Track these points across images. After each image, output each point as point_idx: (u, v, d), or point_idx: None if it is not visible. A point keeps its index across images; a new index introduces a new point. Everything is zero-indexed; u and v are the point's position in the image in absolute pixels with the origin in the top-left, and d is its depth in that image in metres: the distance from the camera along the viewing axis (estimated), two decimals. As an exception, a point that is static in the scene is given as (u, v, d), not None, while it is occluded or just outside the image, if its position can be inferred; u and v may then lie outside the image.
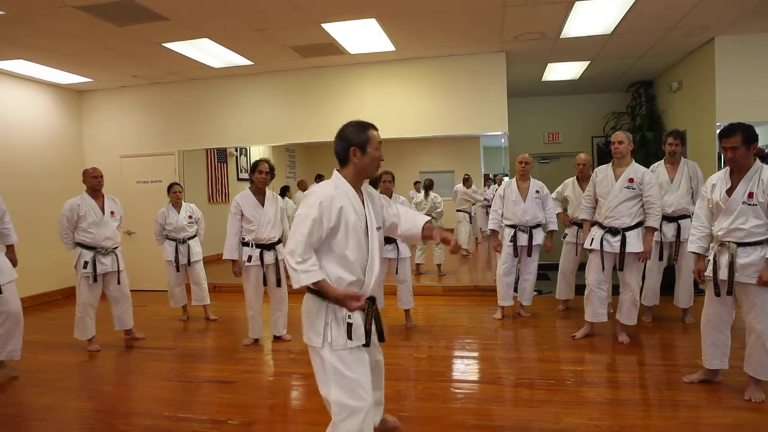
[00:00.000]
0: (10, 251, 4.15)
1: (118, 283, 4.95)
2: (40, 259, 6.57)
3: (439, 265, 7.70)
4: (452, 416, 3.21)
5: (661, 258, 4.93)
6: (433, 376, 3.97)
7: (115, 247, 4.92)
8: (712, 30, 5.84)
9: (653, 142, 7.58)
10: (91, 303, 4.82)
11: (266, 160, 4.74)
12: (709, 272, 3.33)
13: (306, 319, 2.28)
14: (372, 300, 2.33)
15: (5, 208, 4.17)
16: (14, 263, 4.13)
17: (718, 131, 3.65)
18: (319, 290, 2.22)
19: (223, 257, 4.77)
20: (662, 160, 4.92)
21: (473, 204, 8.30)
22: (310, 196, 2.24)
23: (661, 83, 7.98)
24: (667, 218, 4.79)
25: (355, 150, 2.28)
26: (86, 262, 4.73)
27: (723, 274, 3.23)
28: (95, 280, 4.77)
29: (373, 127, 2.36)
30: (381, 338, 2.40)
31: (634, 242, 4.26)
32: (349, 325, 2.21)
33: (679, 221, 4.77)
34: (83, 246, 4.78)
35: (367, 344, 2.26)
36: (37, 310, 6.57)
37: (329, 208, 2.19)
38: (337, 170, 2.35)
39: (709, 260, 3.35)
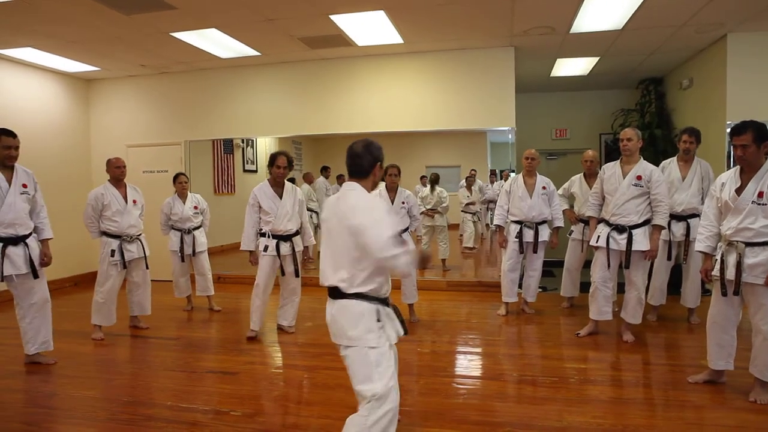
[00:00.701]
0: (45, 246, 4.15)
1: (146, 268, 5.07)
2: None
3: (443, 260, 7.68)
4: (454, 411, 3.20)
5: (669, 257, 4.89)
6: (436, 371, 3.96)
7: (139, 234, 5.00)
8: (725, 27, 5.76)
9: (662, 140, 7.53)
10: (115, 290, 4.90)
11: (285, 154, 4.72)
12: (716, 272, 3.30)
13: (359, 322, 2.29)
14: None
15: (43, 203, 4.19)
16: (47, 259, 4.12)
17: (728, 130, 3.60)
18: (366, 294, 2.30)
19: (241, 248, 4.78)
20: (675, 157, 4.86)
21: (474, 203, 8.29)
22: (373, 201, 2.37)
23: (672, 80, 7.90)
24: (676, 217, 4.75)
25: (380, 165, 2.46)
26: (113, 251, 4.81)
27: (730, 274, 3.19)
28: (124, 266, 4.86)
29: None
30: (405, 331, 2.54)
31: (641, 240, 4.22)
32: (401, 321, 2.42)
33: (689, 220, 4.72)
34: (108, 235, 4.85)
35: (406, 332, 2.45)
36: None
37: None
38: (356, 181, 2.41)
39: (716, 260, 3.32)
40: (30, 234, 3.97)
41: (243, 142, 8.86)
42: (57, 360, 4.21)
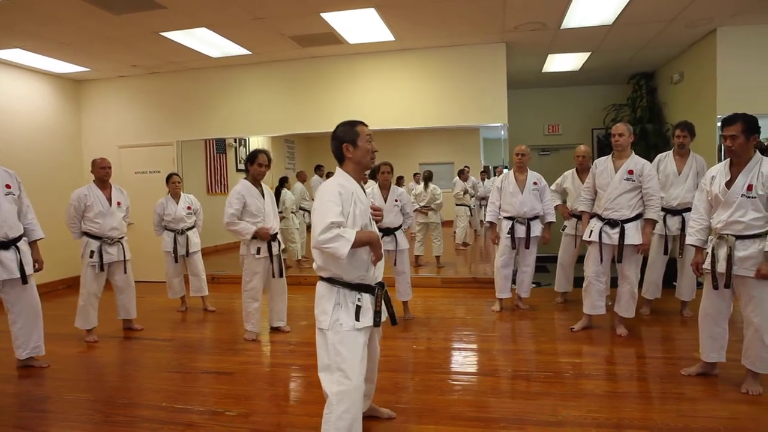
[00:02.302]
0: (35, 251, 4.10)
1: (125, 272, 4.99)
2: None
3: (437, 257, 7.69)
4: (449, 408, 3.21)
5: (666, 252, 4.91)
6: (431, 368, 3.97)
7: (121, 237, 4.96)
8: (715, 21, 5.79)
9: (653, 134, 7.57)
10: (95, 292, 4.86)
11: (265, 152, 4.69)
12: (707, 265, 3.32)
13: (318, 304, 2.43)
14: (381, 284, 2.50)
15: (29, 203, 4.12)
16: (39, 265, 4.08)
17: (719, 123, 3.62)
18: (331, 278, 2.39)
19: (246, 237, 4.57)
20: (671, 151, 4.88)
21: (472, 197, 8.29)
22: (325, 189, 2.38)
23: (663, 75, 7.94)
24: (671, 211, 4.78)
25: (348, 146, 2.46)
26: (92, 252, 4.77)
27: (721, 267, 3.22)
28: (102, 269, 4.81)
29: (361, 123, 2.52)
30: (393, 321, 2.60)
31: (633, 234, 4.24)
32: (358, 308, 2.38)
33: (684, 214, 4.73)
34: (90, 236, 4.81)
35: (377, 324, 2.43)
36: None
37: (346, 195, 2.37)
38: (339, 167, 2.52)
39: (707, 253, 3.34)
40: (20, 237, 3.93)
41: (236, 142, 8.82)
42: (50, 363, 4.19)
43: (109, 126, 7.88)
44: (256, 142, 8.79)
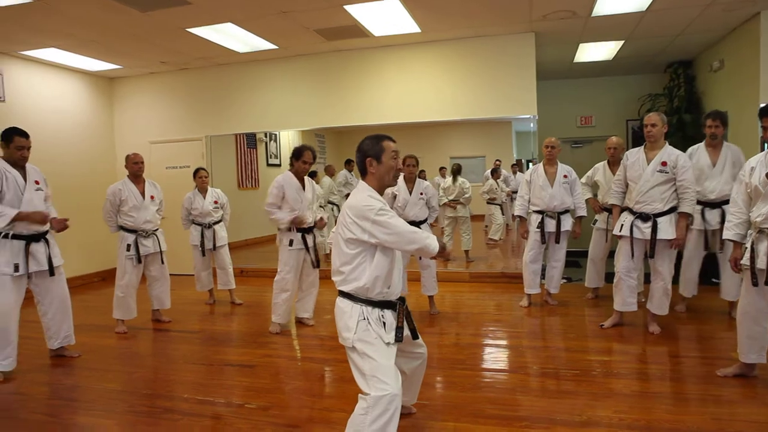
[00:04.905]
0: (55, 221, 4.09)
1: (162, 263, 5.13)
2: (74, 243, 6.69)
3: (466, 252, 7.58)
4: (471, 405, 3.14)
5: (705, 247, 4.69)
6: (455, 364, 3.89)
7: (156, 230, 5.06)
8: (758, 4, 5.50)
9: (691, 125, 7.27)
10: (133, 284, 4.99)
11: (311, 149, 4.71)
12: (746, 261, 3.15)
13: (340, 320, 2.38)
14: (402, 300, 2.44)
15: (50, 193, 4.18)
16: (60, 222, 4.06)
17: (760, 111, 3.42)
18: (350, 293, 2.35)
19: (285, 224, 4.63)
20: (702, 143, 4.66)
21: (507, 195, 8.15)
22: (366, 202, 2.32)
23: (702, 62, 7.61)
24: (710, 204, 4.56)
25: (371, 160, 2.41)
26: (129, 245, 4.89)
27: (761, 263, 3.04)
28: (139, 261, 4.93)
29: (388, 138, 2.46)
30: (414, 336, 2.54)
31: (666, 228, 4.07)
32: (383, 324, 2.34)
33: (723, 207, 4.50)
34: (125, 229, 4.93)
35: (399, 340, 2.35)
36: (73, 293, 6.73)
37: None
38: (362, 179, 2.48)
39: (746, 248, 3.16)
40: (48, 231, 4.03)
41: (266, 137, 8.88)
42: (81, 353, 4.29)
43: (140, 122, 8.03)
44: (286, 137, 8.84)
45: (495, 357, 4.15)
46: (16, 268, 3.79)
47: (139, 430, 2.98)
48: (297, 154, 4.66)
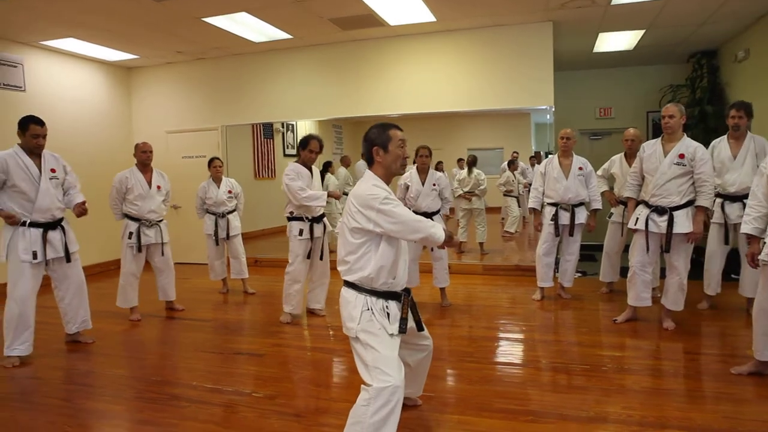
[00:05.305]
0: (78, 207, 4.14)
1: (162, 255, 5.11)
2: (92, 231, 6.80)
3: (481, 244, 7.53)
4: (477, 398, 3.11)
5: (726, 242, 4.56)
6: (464, 356, 3.87)
7: (160, 220, 5.07)
8: (785, -9, 5.32)
9: (714, 117, 7.07)
10: (133, 273, 5.00)
11: (318, 138, 4.70)
12: (764, 256, 3.05)
13: (344, 310, 2.37)
14: (407, 291, 2.42)
15: (73, 179, 4.23)
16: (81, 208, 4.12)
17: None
18: (355, 283, 2.33)
19: (318, 204, 4.61)
20: (725, 135, 4.54)
21: (523, 187, 8.06)
22: (371, 191, 2.30)
23: (726, 52, 7.40)
24: (730, 198, 4.44)
25: (378, 149, 2.38)
26: (131, 233, 4.92)
27: (781, 258, 2.95)
28: (139, 250, 4.95)
29: (395, 126, 2.43)
30: (420, 328, 2.51)
31: (683, 222, 3.97)
32: (387, 315, 2.32)
33: (745, 201, 4.38)
34: (129, 217, 4.96)
35: (402, 331, 2.33)
36: (90, 280, 6.83)
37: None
38: (369, 168, 2.44)
39: (765, 243, 3.07)
40: (63, 218, 4.10)
41: (283, 127, 8.90)
42: (95, 340, 4.37)
43: (157, 111, 8.11)
44: (303, 127, 8.84)
45: (505, 350, 4.12)
46: (35, 255, 3.87)
47: (146, 416, 3.02)
48: (303, 143, 4.66)
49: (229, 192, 5.96)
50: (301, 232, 4.69)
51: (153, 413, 3.05)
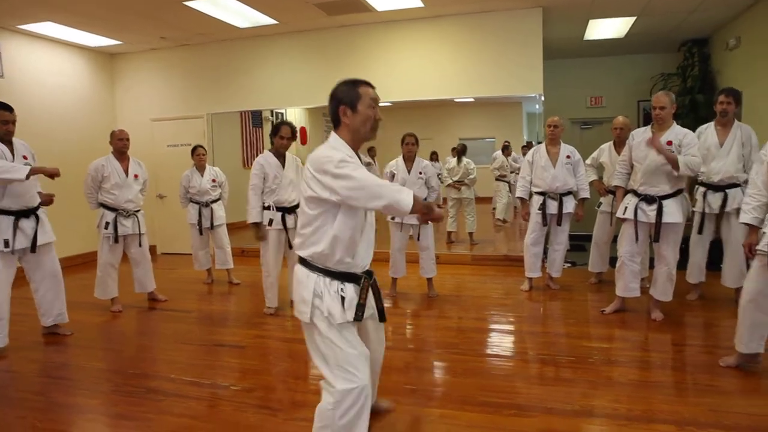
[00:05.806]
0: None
1: (140, 245, 4.98)
2: (75, 221, 6.66)
3: (470, 234, 7.46)
4: (460, 391, 3.05)
5: (700, 231, 4.52)
6: (448, 348, 3.81)
7: (137, 210, 4.93)
8: (777, -22, 5.24)
9: (704, 106, 7.01)
10: (111, 263, 4.88)
11: (289, 124, 4.61)
12: (763, 246, 2.97)
13: (296, 291, 2.12)
14: (369, 273, 2.15)
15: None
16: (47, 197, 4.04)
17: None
18: (307, 260, 2.07)
19: (248, 222, 4.63)
20: (712, 123, 4.47)
21: (511, 172, 7.99)
22: (326, 153, 2.02)
23: (717, 40, 7.33)
24: (713, 187, 4.38)
25: (345, 109, 2.07)
26: (107, 223, 4.79)
27: (782, 248, 2.88)
28: (116, 240, 4.82)
29: (366, 83, 2.12)
30: (382, 317, 2.24)
31: (672, 211, 3.90)
32: (342, 299, 2.04)
33: (727, 190, 4.34)
34: (105, 207, 4.82)
35: (358, 319, 2.05)
36: (72, 271, 6.73)
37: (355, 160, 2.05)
38: (334, 131, 2.13)
39: (764, 233, 3.00)
40: (39, 206, 3.97)
41: (272, 116, 8.75)
42: (73, 331, 4.26)
43: (141, 99, 7.94)
44: (293, 115, 8.69)
45: (491, 341, 4.06)
46: (6, 243, 3.75)
47: (121, 410, 2.94)
48: (274, 130, 4.56)
49: (213, 181, 5.85)
50: (270, 222, 4.59)
51: (128, 407, 2.97)
